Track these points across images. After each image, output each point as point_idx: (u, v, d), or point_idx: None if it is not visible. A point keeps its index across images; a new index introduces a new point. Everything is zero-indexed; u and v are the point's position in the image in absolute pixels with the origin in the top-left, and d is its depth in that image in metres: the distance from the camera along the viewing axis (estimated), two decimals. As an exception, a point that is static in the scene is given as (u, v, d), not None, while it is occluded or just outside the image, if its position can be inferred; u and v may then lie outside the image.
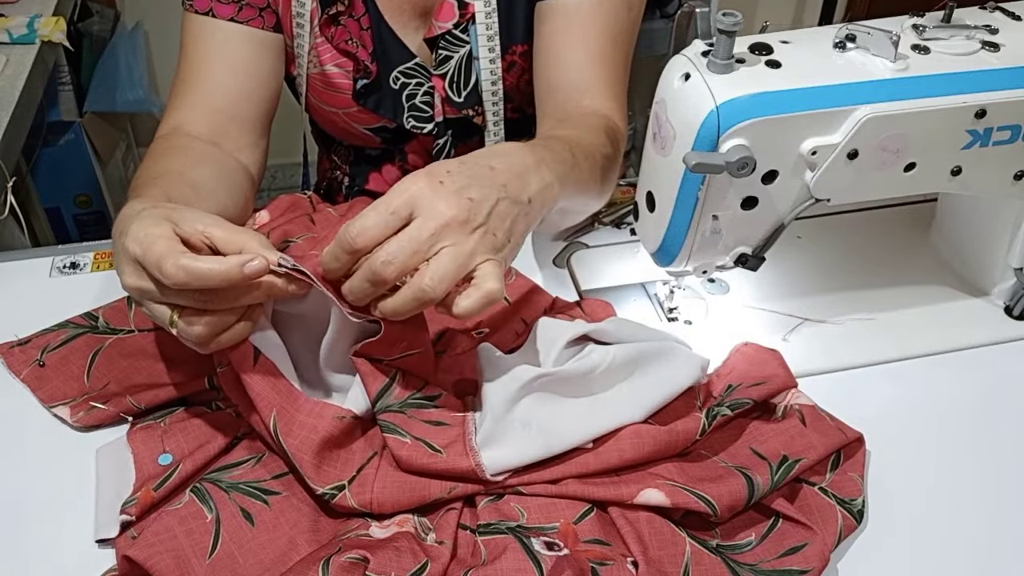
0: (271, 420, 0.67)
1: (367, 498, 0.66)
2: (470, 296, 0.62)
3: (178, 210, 0.66)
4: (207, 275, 0.60)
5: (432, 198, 0.61)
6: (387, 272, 0.61)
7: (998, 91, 0.72)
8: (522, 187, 0.66)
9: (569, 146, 0.76)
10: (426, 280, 0.61)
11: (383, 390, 0.68)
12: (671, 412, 0.72)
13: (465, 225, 0.62)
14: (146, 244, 0.61)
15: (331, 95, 1.01)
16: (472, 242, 0.62)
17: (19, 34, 1.40)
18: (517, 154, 0.68)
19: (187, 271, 0.59)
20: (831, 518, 0.68)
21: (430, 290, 0.61)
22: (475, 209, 0.62)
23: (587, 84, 0.90)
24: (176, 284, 0.60)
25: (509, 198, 0.65)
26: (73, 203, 1.90)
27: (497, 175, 0.65)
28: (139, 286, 0.63)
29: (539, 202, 0.68)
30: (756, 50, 0.71)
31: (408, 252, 0.60)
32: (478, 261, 0.63)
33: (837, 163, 0.71)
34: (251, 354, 0.68)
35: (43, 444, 0.74)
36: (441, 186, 0.62)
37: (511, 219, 0.65)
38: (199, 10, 0.92)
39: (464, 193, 0.62)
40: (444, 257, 0.61)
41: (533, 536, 0.65)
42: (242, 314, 0.65)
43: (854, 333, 0.86)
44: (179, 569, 0.62)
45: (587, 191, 0.78)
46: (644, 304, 0.88)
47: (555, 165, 0.71)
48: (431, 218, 0.61)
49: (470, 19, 0.95)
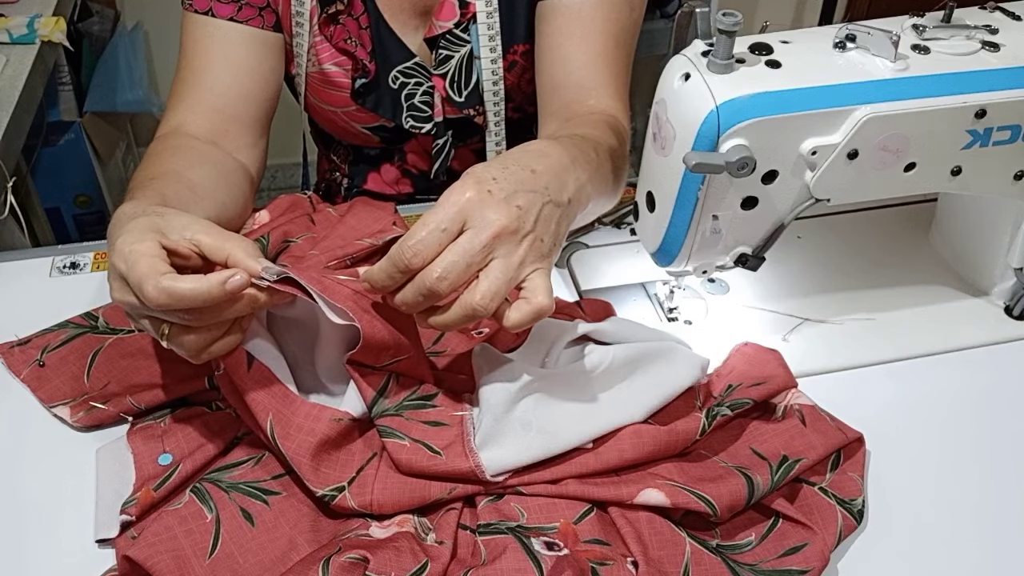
0: (268, 425, 0.67)
1: (367, 499, 0.66)
2: (521, 310, 0.63)
3: (166, 216, 0.65)
4: (188, 296, 0.60)
5: (482, 208, 0.61)
6: (442, 287, 0.61)
7: (998, 91, 0.72)
8: (562, 188, 0.67)
9: (593, 145, 0.76)
10: (477, 298, 0.61)
11: (378, 395, 0.69)
12: (671, 412, 0.72)
13: (515, 234, 0.62)
14: (130, 261, 0.61)
15: (330, 94, 1.01)
16: (522, 251, 0.63)
17: (19, 34, 1.40)
18: (554, 153, 0.68)
19: (168, 293, 0.59)
20: (831, 518, 0.68)
21: (481, 308, 0.61)
22: (524, 217, 0.63)
23: (591, 83, 0.90)
24: (158, 306, 0.60)
25: (552, 201, 0.65)
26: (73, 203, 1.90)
27: (539, 178, 0.65)
28: (126, 300, 0.63)
29: (577, 202, 0.69)
30: (756, 50, 0.71)
31: (462, 267, 0.61)
32: (528, 272, 0.63)
33: (837, 163, 0.71)
34: (245, 361, 0.67)
35: (43, 444, 0.74)
36: (490, 195, 0.62)
37: (555, 222, 0.66)
38: (199, 10, 0.92)
39: (513, 201, 0.62)
40: (495, 271, 0.61)
41: (533, 536, 0.65)
42: (231, 325, 0.65)
43: (854, 333, 0.86)
44: (179, 569, 0.62)
45: (606, 191, 0.78)
46: (644, 304, 0.88)
47: (585, 164, 0.71)
48: (483, 229, 0.61)
49: (471, 18, 0.95)
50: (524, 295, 0.63)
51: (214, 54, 0.93)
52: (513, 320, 0.62)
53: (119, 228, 0.64)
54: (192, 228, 0.64)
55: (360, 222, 0.90)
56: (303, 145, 1.21)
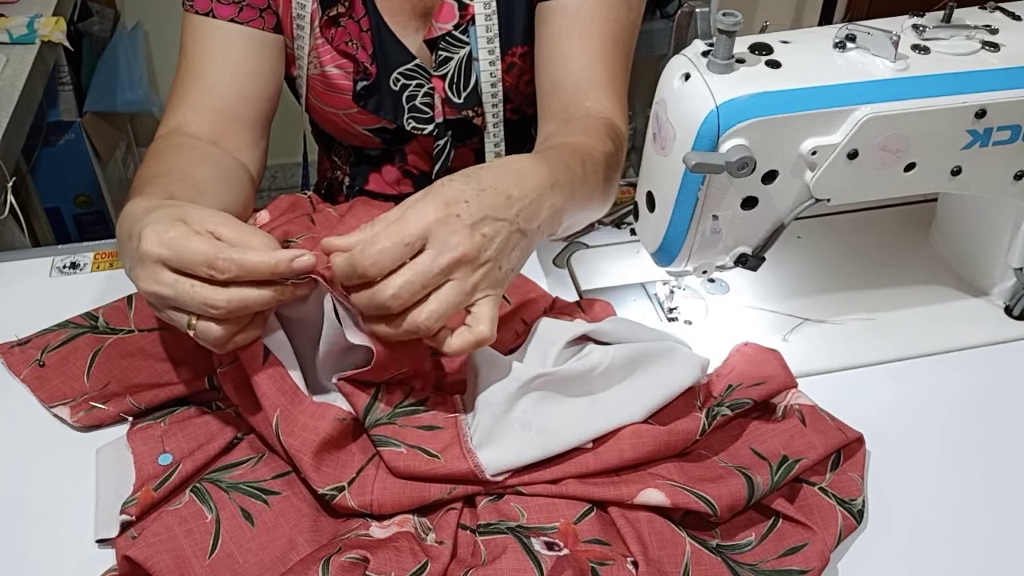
0: (275, 420, 0.67)
1: (367, 499, 0.66)
2: (462, 337, 0.64)
3: (184, 208, 0.66)
4: (256, 269, 0.61)
5: (447, 232, 0.62)
6: (393, 305, 0.62)
7: (998, 91, 0.72)
8: (534, 215, 0.67)
9: (581, 158, 0.76)
10: (423, 318, 0.62)
11: (369, 405, 0.69)
12: (671, 412, 0.72)
13: (474, 262, 0.63)
14: (177, 246, 0.61)
15: (331, 96, 1.01)
16: (476, 277, 0.63)
17: (19, 34, 1.40)
18: (535, 176, 0.68)
19: (239, 264, 0.60)
20: (831, 518, 0.68)
21: (425, 328, 0.63)
22: (486, 245, 0.63)
23: (589, 85, 0.90)
24: (227, 277, 0.61)
25: (520, 229, 0.66)
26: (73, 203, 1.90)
27: (512, 205, 0.65)
28: (157, 291, 0.63)
29: (547, 227, 0.69)
30: (756, 50, 0.71)
31: (417, 288, 0.62)
32: (478, 296, 0.64)
33: (837, 163, 0.71)
34: (261, 353, 0.68)
35: (43, 444, 0.74)
36: (457, 219, 0.62)
37: (519, 249, 0.66)
38: (199, 11, 0.92)
39: (479, 228, 0.63)
40: (446, 294, 0.62)
41: (533, 536, 0.65)
42: (254, 317, 0.66)
43: (854, 333, 0.86)
44: (179, 569, 0.63)
45: (592, 203, 0.78)
46: (644, 304, 0.88)
47: (567, 185, 0.71)
48: (444, 253, 0.62)
49: (470, 20, 0.95)
50: (469, 322, 0.64)
51: (214, 55, 0.93)
52: (454, 347, 0.64)
53: (138, 221, 0.64)
54: (212, 220, 0.64)
55: (360, 222, 0.89)
56: (303, 145, 1.21)
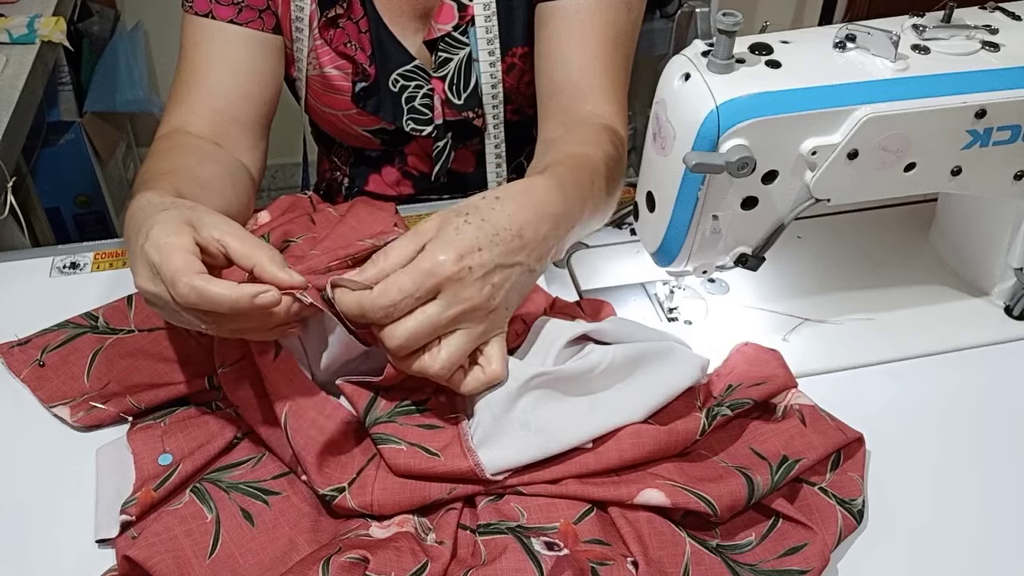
0: (283, 415, 0.67)
1: (367, 500, 0.66)
2: (477, 378, 0.67)
3: (196, 211, 0.66)
4: (217, 300, 0.60)
5: (458, 286, 0.63)
6: (402, 353, 0.64)
7: (998, 91, 0.72)
8: (542, 255, 0.68)
9: (592, 171, 0.77)
10: (436, 367, 0.64)
11: (369, 405, 0.69)
12: (671, 412, 0.72)
13: (483, 310, 0.64)
14: (164, 254, 0.61)
15: (330, 97, 1.01)
16: (486, 324, 0.66)
17: (19, 34, 1.40)
18: (548, 207, 0.68)
19: (199, 293, 0.60)
20: (831, 518, 0.68)
21: (435, 377, 0.65)
22: (496, 294, 0.65)
23: (589, 86, 0.90)
24: (186, 304, 0.60)
25: (527, 269, 0.67)
26: (73, 203, 1.90)
27: (524, 247, 0.66)
28: (152, 291, 0.63)
29: (550, 259, 0.70)
30: (756, 50, 0.71)
31: (425, 336, 0.63)
32: (487, 338, 0.67)
33: (837, 163, 0.71)
34: (273, 348, 0.68)
35: (43, 444, 0.74)
36: (469, 272, 0.63)
37: (523, 287, 0.68)
38: (199, 12, 0.92)
39: (489, 279, 0.64)
40: (457, 342, 0.64)
41: (533, 536, 0.65)
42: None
43: (854, 333, 0.86)
44: (179, 569, 0.63)
45: (596, 218, 0.79)
46: (644, 304, 0.88)
47: (579, 206, 0.72)
48: (454, 304, 0.63)
49: (470, 21, 0.95)
50: (481, 362, 0.67)
51: (214, 56, 0.93)
52: (469, 388, 0.67)
53: (149, 216, 0.64)
54: (221, 228, 0.64)
55: (361, 222, 0.90)
56: (303, 146, 1.21)
